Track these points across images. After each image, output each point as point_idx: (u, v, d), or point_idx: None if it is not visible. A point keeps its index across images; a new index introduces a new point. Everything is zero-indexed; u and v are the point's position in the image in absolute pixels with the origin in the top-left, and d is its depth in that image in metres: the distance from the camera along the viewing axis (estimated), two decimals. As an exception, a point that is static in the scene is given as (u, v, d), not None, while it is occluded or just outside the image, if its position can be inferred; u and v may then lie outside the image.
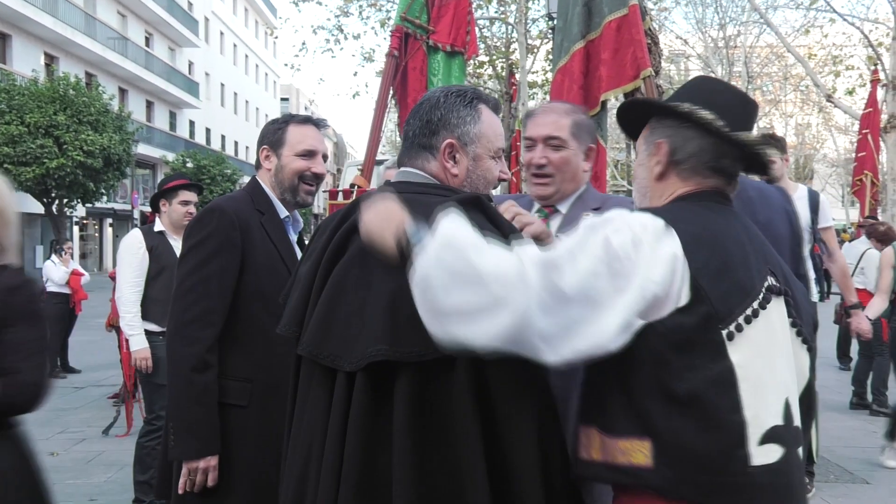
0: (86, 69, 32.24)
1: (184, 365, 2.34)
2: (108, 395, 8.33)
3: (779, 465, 1.53)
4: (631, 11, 4.07)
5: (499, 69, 21.57)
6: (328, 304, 1.65)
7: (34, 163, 22.71)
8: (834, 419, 7.34)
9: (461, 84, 4.95)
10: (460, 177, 1.82)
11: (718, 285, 1.52)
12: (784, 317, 1.63)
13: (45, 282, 9.77)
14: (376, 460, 1.55)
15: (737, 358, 1.50)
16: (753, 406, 1.50)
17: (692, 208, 1.65)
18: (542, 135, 2.27)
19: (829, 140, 40.49)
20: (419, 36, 4.75)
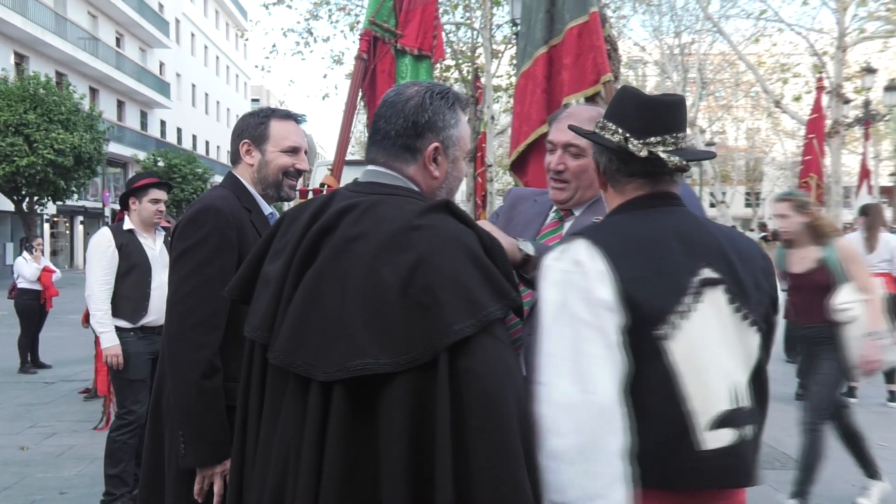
0: (56, 69, 31.71)
1: (193, 371, 2.21)
2: (79, 391, 8.22)
3: (731, 447, 1.60)
4: (591, 19, 4.09)
5: (464, 73, 21.59)
6: (302, 310, 1.57)
7: (4, 161, 22.42)
8: (780, 409, 7.43)
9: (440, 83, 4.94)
10: (440, 179, 1.78)
11: (647, 291, 1.58)
12: (724, 305, 1.65)
13: (17, 278, 9.62)
14: (358, 471, 1.49)
15: (676, 355, 1.58)
16: (698, 396, 1.58)
17: (621, 219, 1.74)
18: (562, 141, 2.24)
19: (777, 144, 41.19)
20: (387, 40, 4.74)
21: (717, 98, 35.43)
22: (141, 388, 4.57)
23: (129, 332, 4.56)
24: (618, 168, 1.76)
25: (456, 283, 1.49)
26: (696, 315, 1.61)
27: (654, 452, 1.56)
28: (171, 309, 2.35)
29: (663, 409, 1.57)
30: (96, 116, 26.48)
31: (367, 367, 1.45)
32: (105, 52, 35.78)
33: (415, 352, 1.45)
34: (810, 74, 23.43)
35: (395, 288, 1.49)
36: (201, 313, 2.26)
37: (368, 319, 1.49)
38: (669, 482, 1.58)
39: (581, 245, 1.63)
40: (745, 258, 1.73)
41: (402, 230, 1.55)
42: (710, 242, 1.70)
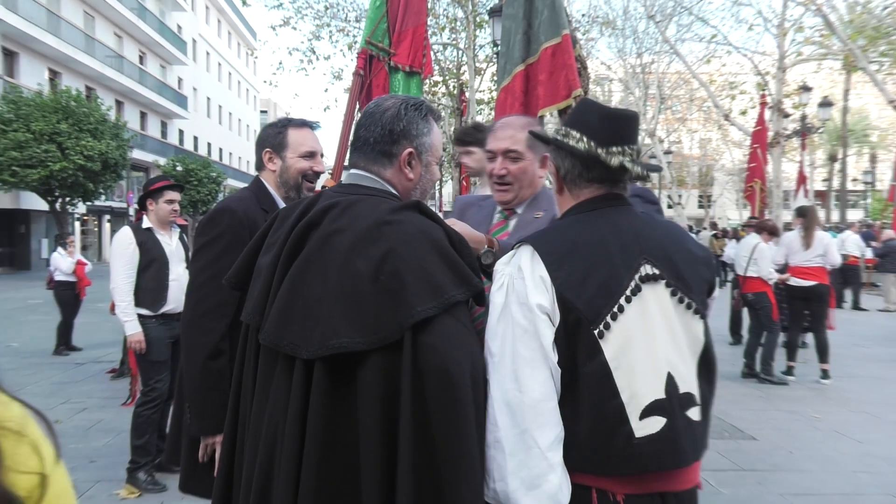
0: (86, 83, 31.42)
1: (200, 353, 2.25)
2: (107, 370, 8.16)
3: (663, 432, 1.54)
4: (563, 40, 4.09)
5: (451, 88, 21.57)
6: (288, 296, 1.59)
7: (39, 166, 22.31)
8: (727, 387, 7.52)
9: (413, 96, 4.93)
10: (414, 181, 1.79)
11: (583, 293, 1.55)
12: (665, 298, 1.62)
13: (54, 271, 9.55)
14: (339, 435, 1.50)
15: (609, 352, 1.54)
16: (629, 389, 1.53)
17: (568, 223, 1.70)
18: (501, 148, 2.24)
19: (726, 152, 41.39)
20: (382, 58, 4.72)
21: (673, 112, 35.55)
22: (162, 368, 4.55)
23: (151, 319, 4.53)
24: (580, 173, 1.71)
25: (421, 270, 1.51)
26: (631, 313, 1.56)
27: (592, 441, 1.53)
28: (187, 297, 2.39)
29: (599, 401, 1.53)
30: (121, 126, 26.34)
31: (342, 346, 1.48)
32: (129, 69, 35.50)
33: (384, 332, 1.48)
34: (755, 92, 23.55)
35: (368, 276, 1.52)
36: (212, 302, 2.28)
37: (344, 303, 1.52)
38: (606, 468, 1.55)
39: (525, 252, 1.61)
40: (685, 251, 1.70)
41: (376, 225, 1.58)
42: (651, 240, 1.66)
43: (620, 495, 1.55)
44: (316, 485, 1.48)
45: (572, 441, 1.55)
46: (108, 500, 4.26)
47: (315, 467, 1.49)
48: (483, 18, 18.50)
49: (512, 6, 4.34)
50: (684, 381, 1.60)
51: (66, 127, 22.70)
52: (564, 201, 1.77)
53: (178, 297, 4.51)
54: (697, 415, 1.61)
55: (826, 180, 41.07)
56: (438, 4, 19.99)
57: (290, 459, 1.51)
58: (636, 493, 1.56)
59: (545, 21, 4.16)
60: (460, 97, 18.73)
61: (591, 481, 1.55)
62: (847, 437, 5.80)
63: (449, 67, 21.70)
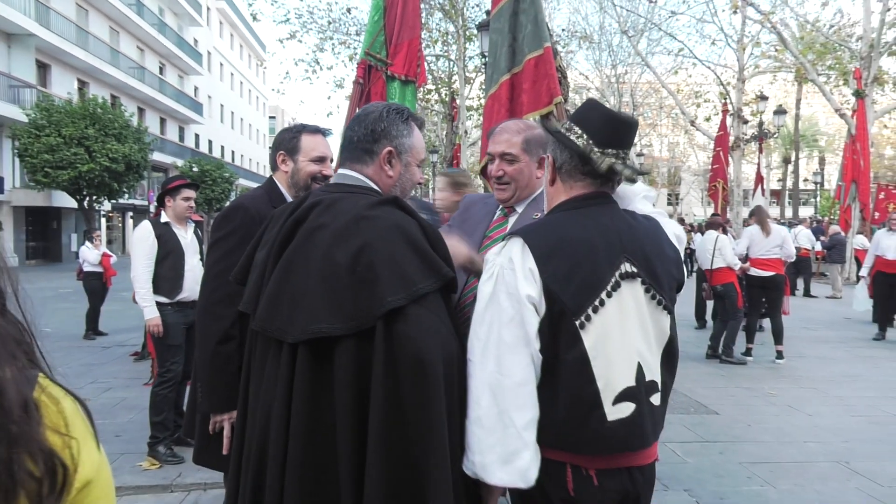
0: (111, 92, 31.14)
1: (212, 338, 2.23)
2: (130, 353, 8.10)
3: (632, 417, 1.54)
4: (546, 52, 4.07)
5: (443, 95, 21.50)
6: (277, 286, 1.60)
7: (69, 167, 22.22)
8: (693, 367, 7.53)
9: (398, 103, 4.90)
10: (394, 178, 1.77)
11: (567, 287, 1.53)
12: (640, 294, 1.60)
13: (83, 263, 9.48)
14: (319, 412, 1.51)
15: (589, 342, 1.52)
16: (605, 376, 1.53)
17: (557, 218, 1.66)
18: (499, 151, 2.23)
19: (692, 155, 41.52)
20: (380, 67, 4.67)
21: (645, 118, 35.58)
22: (177, 351, 4.51)
23: (167, 306, 4.49)
24: (575, 166, 1.66)
25: (392, 262, 1.51)
26: (610, 307, 1.55)
27: (568, 422, 1.53)
28: (202, 287, 2.37)
29: (577, 387, 1.52)
30: (143, 131, 26.18)
31: (322, 331, 1.49)
32: (150, 79, 35.23)
33: (359, 319, 1.48)
34: (717, 100, 23.60)
35: (346, 267, 1.52)
36: (224, 292, 2.25)
37: (324, 293, 1.52)
38: (581, 447, 1.55)
39: (516, 244, 1.58)
40: (660, 252, 1.67)
41: (354, 220, 1.58)
42: (632, 240, 1.63)
43: (592, 470, 1.56)
44: (301, 459, 1.49)
45: (551, 421, 1.54)
46: (132, 470, 4.23)
47: (300, 442, 1.50)
48: (472, 32, 18.44)
49: (498, 21, 4.30)
50: (650, 369, 1.60)
51: (93, 132, 22.63)
52: (556, 193, 1.72)
53: (192, 286, 4.47)
54: (658, 400, 1.62)
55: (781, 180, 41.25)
56: (431, 19, 19.91)
57: (279, 435, 1.52)
58: (606, 468, 1.57)
59: (529, 34, 4.13)
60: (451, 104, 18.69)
61: (566, 458, 1.56)
62: (799, 411, 5.82)
63: (441, 77, 21.64)
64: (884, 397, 6.30)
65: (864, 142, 16.12)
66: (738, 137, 20.40)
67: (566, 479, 1.55)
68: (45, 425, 0.70)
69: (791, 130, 34.19)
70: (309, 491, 1.49)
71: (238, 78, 53.35)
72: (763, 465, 4.46)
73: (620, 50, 28.71)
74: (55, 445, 0.70)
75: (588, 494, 1.55)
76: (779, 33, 18.75)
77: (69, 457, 0.71)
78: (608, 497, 1.57)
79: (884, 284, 9.39)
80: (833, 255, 15.42)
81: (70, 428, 0.73)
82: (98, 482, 0.75)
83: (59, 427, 0.72)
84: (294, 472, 1.49)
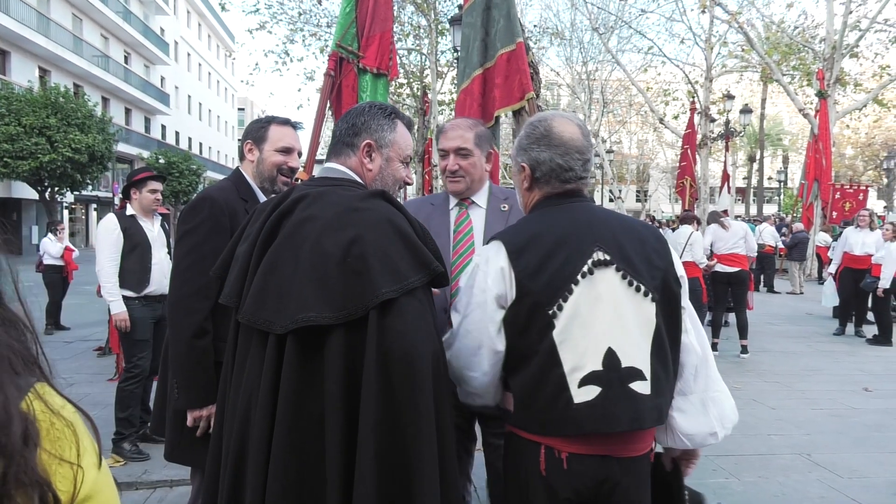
0: (74, 81, 30.35)
1: (186, 332, 2.17)
2: (94, 349, 7.94)
3: (597, 400, 1.57)
4: (518, 47, 4.07)
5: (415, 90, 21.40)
6: (264, 279, 1.59)
7: (30, 157, 21.62)
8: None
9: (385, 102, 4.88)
10: (374, 172, 1.78)
11: (538, 279, 1.61)
12: (615, 281, 1.63)
13: (43, 255, 9.26)
14: (307, 403, 1.51)
15: (557, 329, 1.59)
16: (571, 360, 1.58)
17: (533, 217, 1.76)
18: (452, 147, 2.35)
19: (661, 152, 42.04)
20: (351, 60, 4.63)
21: (615, 115, 35.92)
22: (145, 346, 4.42)
23: (135, 301, 4.40)
24: (554, 174, 1.76)
25: (384, 255, 1.53)
26: (580, 293, 1.60)
27: (539, 405, 1.61)
28: (172, 280, 2.30)
29: (546, 371, 1.59)
30: (107, 121, 25.60)
31: (311, 320, 1.49)
32: (115, 68, 34.41)
33: (349, 309, 1.49)
34: (685, 98, 23.94)
35: (336, 258, 1.52)
36: (195, 285, 2.20)
37: (314, 283, 1.52)
38: (551, 428, 1.60)
39: (494, 244, 1.69)
40: (638, 240, 1.70)
41: (345, 212, 1.58)
42: (604, 229, 1.67)
43: (564, 453, 1.60)
44: (287, 448, 1.49)
45: (526, 405, 1.63)
46: (94, 468, 4.14)
47: (286, 432, 1.49)
48: (444, 26, 18.38)
49: (471, 15, 4.30)
50: (630, 357, 1.60)
51: (55, 121, 22.05)
52: (532, 196, 1.80)
53: (159, 279, 4.39)
54: (646, 389, 1.60)
55: (746, 178, 42.05)
56: (403, 13, 19.80)
57: (263, 423, 1.51)
58: (578, 452, 1.60)
59: (501, 30, 4.13)
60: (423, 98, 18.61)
61: (540, 439, 1.62)
62: (762, 404, 5.95)
63: (413, 71, 21.54)
64: (844, 391, 6.47)
65: (826, 141, 16.50)
66: (705, 135, 20.72)
67: (539, 459, 1.62)
68: (43, 448, 0.65)
69: (756, 129, 34.87)
70: (293, 480, 1.49)
71: (206, 68, 52.43)
72: (728, 457, 4.55)
73: (591, 47, 28.92)
74: (50, 471, 0.64)
75: (559, 476, 1.60)
76: (745, 33, 19.08)
77: (70, 480, 0.66)
78: (579, 481, 1.60)
79: (850, 280, 9.60)
80: (794, 252, 15.78)
81: (72, 450, 0.68)
82: (96, 499, 0.70)
83: (60, 452, 0.66)
84: (278, 462, 1.49)
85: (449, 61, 20.33)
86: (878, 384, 6.76)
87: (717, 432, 1.74)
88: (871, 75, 20.84)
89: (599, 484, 1.62)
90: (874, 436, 5.09)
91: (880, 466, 4.44)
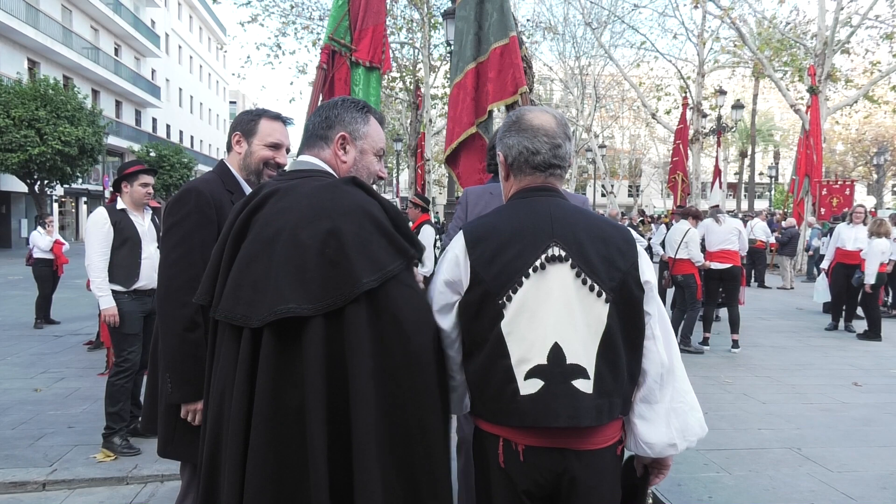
0: (63, 73, 30.11)
1: (177, 325, 2.14)
2: (84, 342, 7.88)
3: (539, 393, 1.58)
4: (511, 41, 4.06)
5: (408, 84, 21.35)
6: (238, 275, 1.59)
7: (19, 150, 21.47)
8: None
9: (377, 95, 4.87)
10: (348, 164, 1.80)
11: (491, 269, 1.64)
12: (568, 278, 1.62)
13: (32, 249, 9.17)
14: (284, 395, 1.50)
15: (506, 320, 1.61)
16: (518, 353, 1.60)
17: (500, 208, 1.78)
18: None
19: (653, 147, 42.13)
20: (344, 53, 4.59)
21: (607, 110, 35.96)
22: (134, 340, 4.39)
23: (124, 295, 4.36)
24: (525, 160, 1.75)
25: (361, 245, 1.53)
26: (530, 287, 1.61)
27: (492, 395, 1.63)
28: (161, 274, 2.27)
29: (495, 361, 1.61)
30: (97, 114, 25.41)
31: (291, 311, 1.49)
32: (105, 60, 34.10)
33: (329, 299, 1.49)
34: (678, 94, 23.98)
35: (313, 249, 1.52)
36: (185, 277, 2.17)
37: (291, 275, 1.52)
38: (501, 419, 1.63)
39: (459, 235, 1.72)
40: (601, 240, 1.67)
41: (319, 202, 1.59)
42: (565, 226, 1.66)
43: (521, 446, 1.62)
44: (267, 438, 1.49)
45: (481, 395, 1.66)
46: (85, 462, 4.11)
47: (265, 423, 1.49)
48: (437, 20, 18.33)
49: (464, 9, 4.28)
50: (575, 354, 1.60)
51: (45, 114, 21.89)
52: (509, 187, 1.82)
53: (149, 274, 4.36)
54: (588, 388, 1.59)
55: (737, 174, 42.22)
56: (396, 6, 19.73)
57: (238, 417, 1.51)
58: (534, 445, 1.62)
59: (495, 23, 4.11)
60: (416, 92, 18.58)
61: (498, 431, 1.65)
62: (753, 398, 5.99)
63: (406, 65, 21.47)
64: (833, 385, 6.52)
65: (817, 137, 16.58)
66: (697, 131, 20.78)
67: (498, 451, 1.65)
68: None
69: (748, 125, 34.99)
70: (272, 473, 1.48)
71: (197, 61, 52.07)
72: (719, 451, 4.57)
73: (584, 42, 28.95)
74: None
75: (516, 468, 1.63)
76: (737, 29, 19.12)
77: None
78: (537, 473, 1.62)
79: (842, 276, 9.64)
80: (785, 248, 15.86)
81: None
82: None
83: None
84: (258, 455, 1.48)
85: (442, 55, 20.28)
86: (867, 379, 6.81)
87: (678, 444, 1.73)
88: (862, 71, 20.96)
89: (558, 476, 1.62)
90: (864, 430, 5.13)
91: (870, 460, 4.47)
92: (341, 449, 1.48)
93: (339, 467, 1.48)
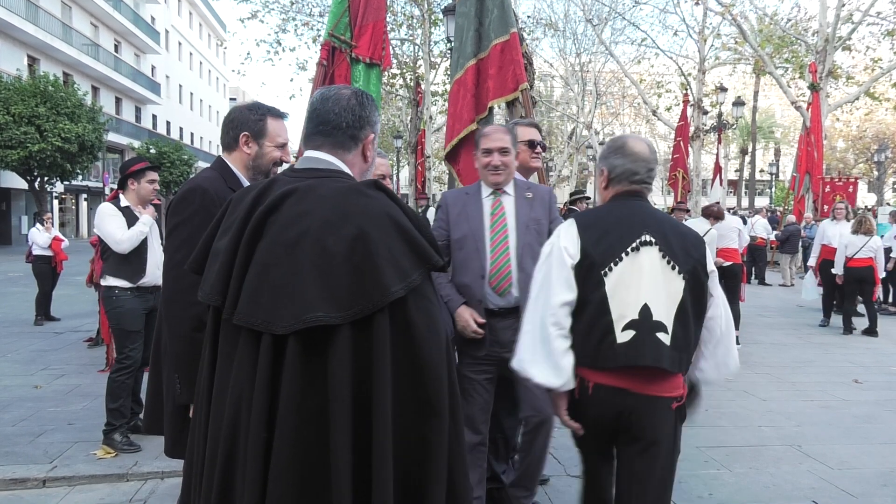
0: (63, 70, 30.06)
1: (185, 326, 2.12)
2: (84, 339, 7.87)
3: (632, 340, 2.09)
4: (512, 37, 4.05)
5: (408, 80, 21.33)
6: (257, 278, 1.53)
7: (19, 147, 21.47)
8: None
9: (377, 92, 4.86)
10: (369, 164, 1.79)
11: (598, 247, 2.15)
12: (655, 258, 2.14)
13: (32, 246, 9.17)
14: (309, 403, 1.47)
15: (608, 286, 2.12)
16: (618, 310, 2.11)
17: (604, 206, 2.31)
18: (497, 146, 2.98)
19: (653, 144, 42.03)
20: (344, 50, 4.59)
21: (608, 107, 35.93)
22: (136, 337, 4.39)
23: (127, 291, 4.36)
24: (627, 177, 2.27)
25: (389, 252, 1.50)
26: (627, 262, 2.12)
27: (589, 344, 2.12)
28: (166, 274, 2.25)
29: (598, 318, 2.11)
30: (97, 110, 25.39)
31: (320, 319, 1.44)
32: (105, 57, 34.08)
33: (357, 307, 1.45)
34: (678, 91, 23.95)
35: (340, 256, 1.48)
36: (191, 278, 2.13)
37: (317, 282, 1.47)
38: (596, 362, 2.12)
39: (569, 223, 2.24)
40: (679, 235, 2.21)
41: (343, 207, 1.54)
42: (653, 221, 2.21)
43: (592, 382, 2.14)
44: (292, 445, 1.45)
45: (578, 345, 2.13)
46: (86, 459, 4.11)
47: (292, 430, 1.45)
48: (438, 16, 18.30)
49: (465, 5, 4.27)
50: (659, 313, 2.11)
51: (45, 110, 21.88)
52: (607, 193, 2.33)
53: (153, 271, 4.37)
54: (667, 340, 2.10)
55: (738, 171, 42.20)
56: (396, 2, 19.72)
57: (260, 424, 1.47)
58: (604, 383, 2.12)
59: (495, 20, 4.11)
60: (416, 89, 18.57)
61: (580, 371, 2.14)
62: (753, 395, 5.99)
63: (406, 61, 21.45)
64: (834, 382, 6.52)
65: (818, 134, 16.56)
66: (697, 128, 20.76)
67: (575, 389, 2.17)
68: None
69: (749, 122, 34.96)
70: (296, 480, 1.45)
71: (197, 58, 52.02)
72: (719, 448, 4.57)
73: (585, 38, 28.88)
74: None
75: (586, 399, 2.16)
76: (738, 25, 19.08)
77: None
78: (601, 404, 2.13)
79: (829, 272, 9.69)
80: (786, 245, 15.86)
81: None
82: None
83: None
84: (281, 462, 1.45)
85: (442, 52, 20.25)
86: (868, 376, 6.81)
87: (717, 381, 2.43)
88: (863, 68, 20.91)
89: (618, 414, 2.11)
90: (864, 427, 5.13)
91: (870, 457, 4.47)
92: (360, 451, 1.48)
93: (357, 471, 1.47)
